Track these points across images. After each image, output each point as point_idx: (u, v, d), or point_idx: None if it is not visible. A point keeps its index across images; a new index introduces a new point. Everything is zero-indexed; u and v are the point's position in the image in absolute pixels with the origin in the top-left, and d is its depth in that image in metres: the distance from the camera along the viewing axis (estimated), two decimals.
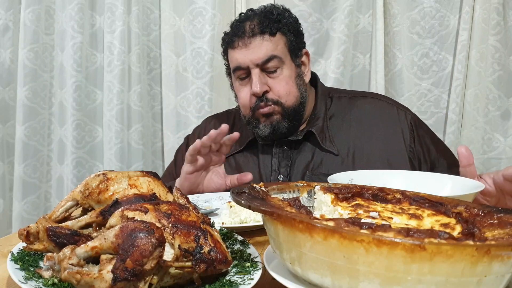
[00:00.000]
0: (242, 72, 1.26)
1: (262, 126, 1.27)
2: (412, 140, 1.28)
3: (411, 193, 0.70)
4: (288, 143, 1.31)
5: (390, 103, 1.36)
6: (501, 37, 1.70)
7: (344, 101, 1.36)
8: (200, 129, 1.49)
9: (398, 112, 1.32)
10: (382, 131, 1.29)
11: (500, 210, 0.60)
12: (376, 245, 0.46)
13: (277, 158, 1.31)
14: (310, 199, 0.74)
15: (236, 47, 1.25)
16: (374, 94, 1.45)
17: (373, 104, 1.34)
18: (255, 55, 1.22)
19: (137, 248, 0.55)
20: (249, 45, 1.23)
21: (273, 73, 1.25)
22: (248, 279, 0.61)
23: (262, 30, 1.23)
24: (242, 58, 1.24)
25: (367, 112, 1.33)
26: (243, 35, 1.24)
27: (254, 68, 1.23)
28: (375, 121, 1.30)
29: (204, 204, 1.11)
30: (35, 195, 1.93)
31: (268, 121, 1.26)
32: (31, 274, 0.61)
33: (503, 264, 0.47)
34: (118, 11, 1.83)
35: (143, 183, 0.74)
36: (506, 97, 1.74)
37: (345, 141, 1.28)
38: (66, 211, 0.75)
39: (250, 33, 1.23)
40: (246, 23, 1.25)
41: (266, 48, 1.23)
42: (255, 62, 1.23)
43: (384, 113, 1.32)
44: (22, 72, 1.86)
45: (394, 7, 1.75)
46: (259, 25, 1.23)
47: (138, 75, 1.86)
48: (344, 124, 1.31)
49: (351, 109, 1.34)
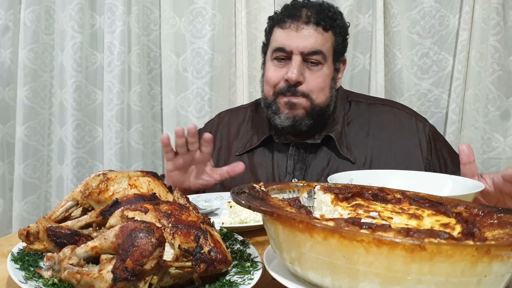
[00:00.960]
0: (282, 54, 1.22)
1: (284, 116, 1.23)
2: (429, 152, 1.26)
3: (411, 193, 0.70)
4: (305, 145, 1.29)
5: (409, 113, 1.34)
6: (500, 37, 1.70)
7: (363, 107, 1.34)
8: (213, 123, 1.46)
9: (417, 123, 1.30)
10: (400, 142, 1.27)
11: (500, 210, 0.60)
12: (376, 245, 0.46)
13: (293, 160, 1.28)
14: (310, 199, 0.74)
15: (286, 28, 1.21)
16: (393, 102, 1.42)
17: (392, 113, 1.32)
18: (303, 43, 1.19)
19: (137, 248, 0.55)
20: (301, 30, 1.20)
21: (313, 66, 1.22)
22: (248, 279, 0.61)
23: (318, 22, 1.20)
24: (289, 40, 1.20)
25: (386, 121, 1.31)
26: (298, 19, 1.20)
27: (297, 54, 1.20)
28: (394, 131, 1.29)
29: (204, 204, 1.11)
30: (35, 195, 1.93)
31: (291, 113, 1.23)
32: (31, 274, 0.61)
33: (503, 264, 0.47)
34: (118, 11, 1.83)
35: (143, 183, 0.74)
36: (506, 97, 1.74)
37: (363, 149, 1.26)
38: (66, 211, 0.75)
39: (306, 19, 1.20)
40: (303, 9, 1.22)
41: (316, 40, 1.20)
42: (301, 49, 1.19)
43: (403, 124, 1.30)
44: (22, 72, 1.86)
45: (394, 7, 1.75)
46: (316, 16, 1.21)
47: (138, 75, 1.86)
48: (362, 132, 1.29)
49: (369, 116, 1.32)
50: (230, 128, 1.40)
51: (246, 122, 1.40)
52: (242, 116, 1.42)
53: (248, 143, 1.34)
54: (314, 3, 1.27)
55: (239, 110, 1.46)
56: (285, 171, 1.28)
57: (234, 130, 1.39)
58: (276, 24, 1.25)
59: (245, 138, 1.36)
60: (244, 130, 1.38)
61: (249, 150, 1.33)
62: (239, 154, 1.33)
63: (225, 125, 1.42)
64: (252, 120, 1.39)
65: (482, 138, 1.75)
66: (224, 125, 1.42)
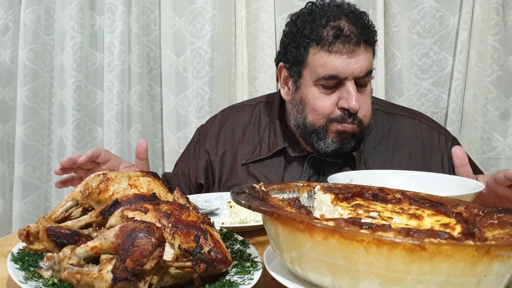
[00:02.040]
0: (333, 81, 1.09)
1: (330, 140, 1.12)
2: (451, 169, 1.17)
3: (411, 193, 0.70)
4: (320, 161, 1.20)
5: (432, 126, 1.25)
6: (500, 37, 1.70)
7: (382, 118, 1.24)
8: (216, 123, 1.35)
9: (439, 137, 1.22)
10: (421, 158, 1.19)
11: (500, 210, 0.60)
12: (376, 245, 0.46)
13: (308, 173, 1.20)
14: (310, 199, 0.74)
15: (335, 52, 1.06)
16: (414, 112, 1.32)
17: (413, 126, 1.23)
18: (358, 68, 1.06)
19: (137, 248, 0.55)
20: (353, 53, 1.06)
21: (362, 88, 1.11)
22: (248, 279, 0.61)
23: (366, 40, 1.08)
24: (343, 67, 1.06)
25: (407, 136, 1.22)
26: (349, 40, 1.06)
27: (351, 80, 1.07)
28: (415, 149, 1.20)
29: (204, 204, 1.11)
30: (35, 195, 1.93)
31: (339, 139, 1.12)
32: (31, 274, 0.61)
33: (503, 264, 0.47)
34: (118, 11, 1.83)
35: (143, 183, 0.74)
36: (505, 97, 1.74)
37: (381, 167, 1.17)
38: (66, 211, 0.75)
39: (355, 40, 1.06)
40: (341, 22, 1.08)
41: (368, 60, 1.09)
42: (356, 74, 1.07)
43: (425, 138, 1.22)
44: (22, 72, 1.86)
45: (394, 7, 1.75)
46: (362, 31, 1.08)
47: (138, 75, 1.86)
48: (381, 147, 1.20)
49: (389, 129, 1.22)
50: (234, 131, 1.30)
51: (253, 124, 1.30)
52: (248, 116, 1.32)
53: (256, 151, 1.25)
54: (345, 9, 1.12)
55: (244, 108, 1.35)
56: None
57: (239, 133, 1.30)
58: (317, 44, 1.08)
59: (251, 144, 1.27)
60: (250, 134, 1.29)
61: (258, 160, 1.24)
62: (245, 163, 1.24)
63: (229, 125, 1.32)
64: (260, 123, 1.29)
65: (481, 138, 1.75)
66: (228, 125, 1.33)
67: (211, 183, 1.30)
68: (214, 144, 1.31)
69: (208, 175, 1.30)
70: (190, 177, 1.32)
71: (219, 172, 1.28)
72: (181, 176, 1.34)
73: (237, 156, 1.27)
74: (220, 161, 1.28)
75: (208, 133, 1.33)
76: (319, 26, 1.09)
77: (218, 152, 1.29)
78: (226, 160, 1.28)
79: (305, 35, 1.10)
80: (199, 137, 1.36)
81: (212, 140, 1.31)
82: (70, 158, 1.07)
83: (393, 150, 1.20)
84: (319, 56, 1.08)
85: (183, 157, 1.39)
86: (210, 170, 1.29)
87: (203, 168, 1.30)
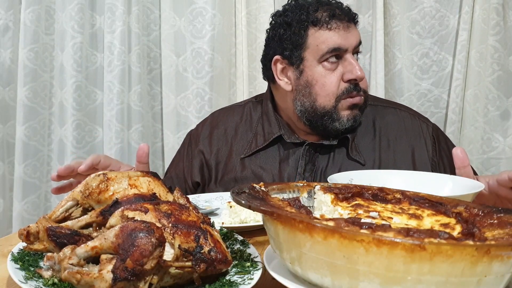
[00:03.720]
0: (336, 54, 1.18)
1: (345, 118, 1.19)
2: (434, 152, 1.25)
3: (411, 193, 0.70)
4: (316, 146, 1.24)
5: (412, 113, 1.32)
6: (500, 37, 1.70)
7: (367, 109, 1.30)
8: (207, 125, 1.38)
9: (420, 123, 1.29)
10: (407, 144, 1.26)
11: (500, 210, 0.60)
12: (376, 245, 0.46)
13: (304, 160, 1.23)
14: (310, 199, 0.74)
15: (335, 28, 1.17)
16: (394, 103, 1.40)
17: (395, 115, 1.30)
18: (355, 39, 1.19)
19: (137, 248, 0.55)
20: (347, 28, 1.19)
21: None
22: (248, 279, 0.61)
23: (354, 17, 1.22)
24: (344, 39, 1.17)
25: (390, 123, 1.29)
26: (340, 17, 1.18)
27: (350, 52, 1.19)
28: (399, 133, 1.27)
29: (204, 204, 1.11)
30: (35, 195, 1.93)
31: (352, 114, 1.19)
32: (31, 274, 0.61)
33: (503, 264, 0.47)
34: (118, 11, 1.83)
35: (143, 183, 0.74)
36: (506, 97, 1.74)
37: (371, 152, 1.24)
38: (66, 211, 0.75)
39: (347, 18, 1.20)
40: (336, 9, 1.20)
41: (359, 34, 1.22)
42: (354, 45, 1.19)
43: (408, 125, 1.28)
44: (22, 72, 1.86)
45: (394, 7, 1.75)
46: (348, 13, 1.21)
47: (138, 75, 1.86)
48: (368, 134, 1.27)
49: (374, 119, 1.29)
50: (227, 129, 1.34)
51: (244, 121, 1.34)
52: (239, 115, 1.35)
53: (252, 144, 1.28)
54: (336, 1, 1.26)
55: (234, 109, 1.39)
56: (296, 172, 1.24)
57: (232, 131, 1.33)
58: (315, 25, 1.18)
59: (247, 139, 1.30)
60: (243, 130, 1.32)
61: (255, 152, 1.27)
62: (244, 157, 1.27)
63: (220, 126, 1.35)
64: (251, 120, 1.34)
65: (482, 138, 1.75)
66: (220, 126, 1.35)
67: (207, 181, 1.32)
68: (207, 144, 1.33)
69: (204, 173, 1.32)
70: (186, 178, 1.33)
71: (215, 169, 1.30)
72: (175, 180, 1.35)
73: (232, 152, 1.30)
74: (215, 158, 1.31)
75: (200, 135, 1.36)
76: (312, 11, 1.19)
77: (212, 150, 1.32)
78: (221, 157, 1.31)
79: (301, 20, 1.19)
80: (190, 140, 1.38)
81: (205, 140, 1.34)
82: (68, 167, 1.07)
83: (379, 135, 1.27)
84: (319, 35, 1.18)
85: (175, 162, 1.41)
86: (206, 168, 1.32)
87: (198, 167, 1.32)
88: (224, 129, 1.34)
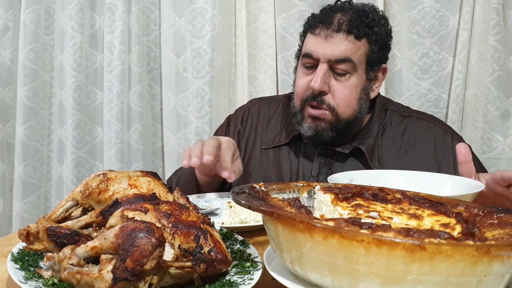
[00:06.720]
0: (310, 60, 1.18)
1: (306, 126, 1.20)
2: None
3: (411, 193, 0.70)
4: (332, 152, 1.24)
5: (445, 130, 1.28)
6: (500, 37, 1.70)
7: (397, 119, 1.28)
8: (244, 109, 1.42)
9: (453, 141, 1.24)
10: (434, 160, 1.22)
11: (500, 210, 0.60)
12: (376, 245, 0.46)
13: (318, 164, 1.24)
14: (310, 199, 0.74)
15: (316, 34, 1.17)
16: (430, 116, 1.34)
17: (428, 128, 1.26)
18: (330, 51, 1.14)
19: (137, 248, 0.55)
20: (329, 38, 1.15)
21: (340, 76, 1.17)
22: (248, 279, 0.61)
23: (349, 30, 1.15)
24: (317, 47, 1.16)
25: (421, 137, 1.25)
26: (328, 26, 1.16)
27: (323, 63, 1.15)
28: (428, 149, 1.23)
29: (204, 204, 1.11)
30: (35, 195, 1.93)
31: (314, 124, 1.19)
32: (31, 274, 0.61)
33: (503, 264, 0.47)
34: (118, 11, 1.83)
35: (143, 183, 0.74)
36: (506, 97, 1.74)
37: (394, 164, 1.20)
38: (66, 211, 0.75)
39: (337, 26, 1.15)
40: (337, 14, 1.17)
41: (345, 48, 1.14)
42: (327, 57, 1.14)
43: (438, 141, 1.24)
44: (22, 72, 1.86)
45: (394, 7, 1.75)
46: (348, 23, 1.15)
47: (138, 75, 1.86)
48: (394, 146, 1.24)
49: (403, 130, 1.26)
50: (260, 118, 1.38)
51: (277, 115, 1.36)
52: (274, 108, 1.38)
53: (277, 138, 1.31)
54: (353, 7, 1.21)
55: (271, 101, 1.42)
56: (310, 174, 1.25)
57: (264, 122, 1.37)
58: (309, 28, 1.21)
59: (274, 132, 1.33)
60: (274, 124, 1.35)
61: (275, 146, 1.30)
62: (265, 148, 1.31)
63: (255, 113, 1.39)
64: (283, 115, 1.36)
65: (482, 138, 1.75)
66: (255, 113, 1.39)
67: None
68: (244, 126, 1.38)
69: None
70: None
71: (242, 154, 1.32)
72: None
73: (256, 141, 1.34)
74: (245, 143, 1.35)
75: (238, 119, 1.41)
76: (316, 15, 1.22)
77: (245, 134, 1.37)
78: (248, 144, 1.35)
79: (307, 21, 1.24)
80: (228, 122, 1.43)
81: (244, 123, 1.39)
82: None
83: (406, 149, 1.24)
84: (306, 38, 1.22)
85: None
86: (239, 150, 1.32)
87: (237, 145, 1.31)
88: (258, 117, 1.39)
